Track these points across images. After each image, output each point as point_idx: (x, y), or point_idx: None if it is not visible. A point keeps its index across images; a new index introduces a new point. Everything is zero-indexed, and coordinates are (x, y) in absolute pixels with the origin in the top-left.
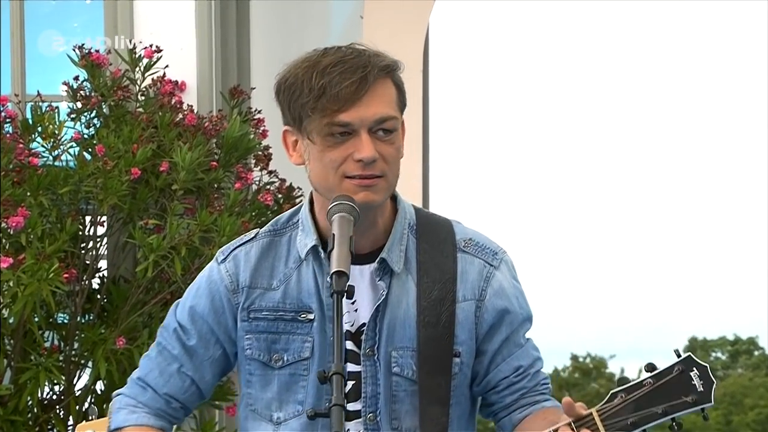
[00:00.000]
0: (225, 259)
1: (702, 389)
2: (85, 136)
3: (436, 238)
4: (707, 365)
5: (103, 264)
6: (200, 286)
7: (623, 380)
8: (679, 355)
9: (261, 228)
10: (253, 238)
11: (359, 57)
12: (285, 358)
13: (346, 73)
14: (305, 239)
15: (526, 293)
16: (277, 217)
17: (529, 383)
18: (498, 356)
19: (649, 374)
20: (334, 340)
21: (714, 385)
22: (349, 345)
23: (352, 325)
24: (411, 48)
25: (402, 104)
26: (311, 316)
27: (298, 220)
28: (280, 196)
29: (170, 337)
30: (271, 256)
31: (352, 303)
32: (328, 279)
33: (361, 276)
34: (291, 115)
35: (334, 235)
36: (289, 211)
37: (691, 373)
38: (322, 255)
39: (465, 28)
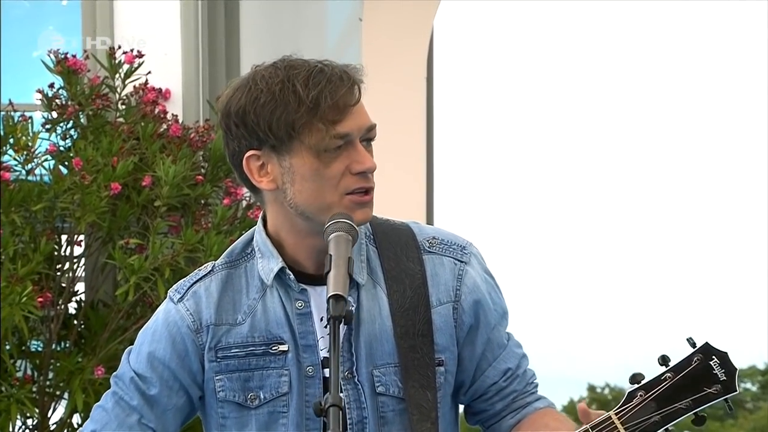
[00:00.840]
0: (183, 298)
1: (725, 378)
2: (61, 148)
3: (398, 243)
4: (726, 351)
5: (80, 287)
6: (157, 329)
7: (637, 377)
8: (693, 345)
9: (216, 261)
10: (210, 272)
11: (332, 65)
12: (261, 396)
13: (334, 82)
14: (268, 264)
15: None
16: (230, 247)
17: (519, 385)
18: (483, 361)
19: (666, 368)
20: (331, 369)
21: (737, 372)
22: (327, 372)
23: (327, 350)
24: (414, 53)
25: None
26: (284, 347)
27: (252, 249)
28: None
29: (127, 387)
30: (230, 289)
31: (325, 326)
32: (299, 302)
33: (324, 297)
34: (266, 137)
35: (330, 256)
36: (241, 240)
37: (711, 362)
38: (291, 277)
39: (473, 31)
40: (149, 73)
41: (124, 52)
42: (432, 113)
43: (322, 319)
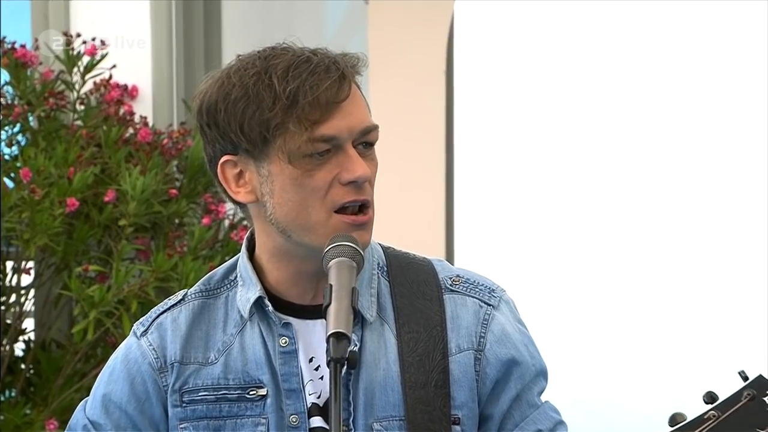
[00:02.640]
0: (146, 331)
1: None
2: (7, 156)
3: (415, 279)
4: None
5: (29, 324)
6: (114, 369)
7: (678, 417)
8: (745, 378)
9: (189, 288)
10: (180, 301)
11: (322, 55)
12: None
13: (318, 74)
14: (246, 293)
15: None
16: (210, 273)
17: None
18: (508, 421)
19: (711, 406)
20: (332, 422)
21: None
22: (318, 422)
23: (319, 396)
24: (430, 43)
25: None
26: (263, 392)
27: (236, 276)
28: None
29: None
30: (204, 322)
31: (316, 369)
32: (282, 339)
33: (324, 332)
34: (238, 139)
35: (330, 286)
36: (224, 265)
37: (765, 398)
38: (270, 309)
39: (501, 16)
40: (113, 66)
41: (84, 42)
42: (452, 112)
43: (311, 360)
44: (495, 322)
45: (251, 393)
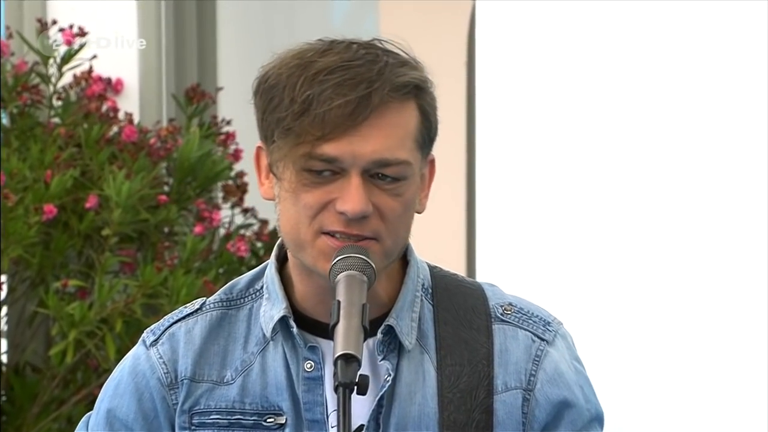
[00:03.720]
0: (157, 341)
1: None
2: None
3: (462, 305)
4: None
5: (1, 345)
6: (121, 381)
7: None
8: None
9: (210, 297)
10: (197, 310)
11: (370, 63)
12: None
13: (343, 86)
14: (271, 310)
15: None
16: (233, 281)
17: None
18: None
19: None
20: None
21: None
22: None
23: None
24: (451, 31)
25: (426, 139)
26: (282, 420)
27: (262, 286)
28: (259, 245)
29: None
30: (222, 336)
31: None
32: (308, 363)
33: None
34: (260, 127)
35: (338, 302)
36: (250, 273)
37: None
38: (295, 330)
39: (528, 4)
40: (94, 57)
41: (61, 29)
42: (473, 108)
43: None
44: (548, 359)
45: (269, 420)
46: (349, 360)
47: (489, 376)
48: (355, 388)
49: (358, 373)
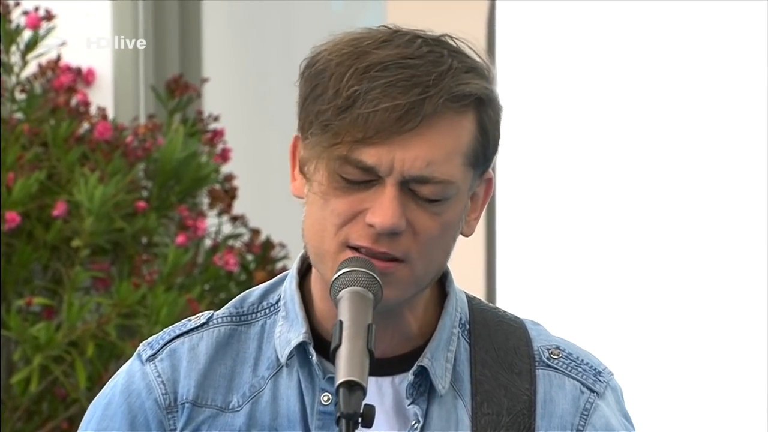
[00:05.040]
0: (155, 356)
1: None
2: None
3: (503, 345)
4: None
5: None
6: (112, 401)
7: None
8: None
9: (217, 310)
10: (203, 324)
11: (431, 65)
12: None
13: (395, 87)
14: (288, 332)
15: None
16: (244, 293)
17: None
18: None
19: None
20: None
21: None
22: None
23: None
24: (467, 25)
25: (480, 156)
26: None
27: (277, 300)
28: (250, 257)
29: None
30: (229, 355)
31: None
32: (325, 396)
33: (379, 394)
34: (301, 120)
35: (341, 322)
36: (264, 285)
37: None
38: (314, 358)
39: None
40: (63, 44)
41: (25, 12)
42: None
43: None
44: (598, 413)
45: None
46: (352, 388)
47: (530, 429)
48: (360, 419)
49: (363, 402)
